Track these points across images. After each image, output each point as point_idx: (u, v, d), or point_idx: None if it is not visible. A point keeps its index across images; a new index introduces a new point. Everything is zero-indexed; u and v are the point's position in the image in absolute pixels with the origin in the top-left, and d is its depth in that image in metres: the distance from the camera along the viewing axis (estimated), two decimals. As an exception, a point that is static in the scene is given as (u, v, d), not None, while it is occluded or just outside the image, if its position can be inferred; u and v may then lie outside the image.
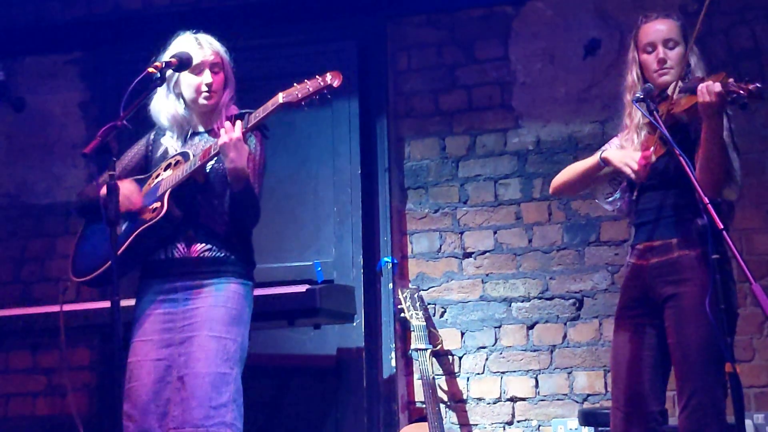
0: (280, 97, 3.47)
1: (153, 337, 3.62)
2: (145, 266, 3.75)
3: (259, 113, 3.55)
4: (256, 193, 3.66)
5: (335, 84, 3.43)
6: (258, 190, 3.71)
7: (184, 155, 3.70)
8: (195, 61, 3.72)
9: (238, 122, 3.56)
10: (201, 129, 3.81)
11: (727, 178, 3.52)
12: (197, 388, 3.50)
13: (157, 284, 3.70)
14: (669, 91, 3.60)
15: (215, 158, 3.63)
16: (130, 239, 3.61)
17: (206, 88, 3.72)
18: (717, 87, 3.34)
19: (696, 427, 3.45)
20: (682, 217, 3.55)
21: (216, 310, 3.58)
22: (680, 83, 3.59)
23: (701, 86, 3.39)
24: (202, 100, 3.74)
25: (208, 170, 3.68)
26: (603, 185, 3.86)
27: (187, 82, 3.74)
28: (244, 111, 3.65)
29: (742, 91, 3.29)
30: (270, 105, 3.51)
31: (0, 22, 6.05)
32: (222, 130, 3.56)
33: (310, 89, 3.44)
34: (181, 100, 3.78)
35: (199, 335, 3.55)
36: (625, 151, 3.68)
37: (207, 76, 3.73)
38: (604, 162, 3.71)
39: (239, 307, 3.63)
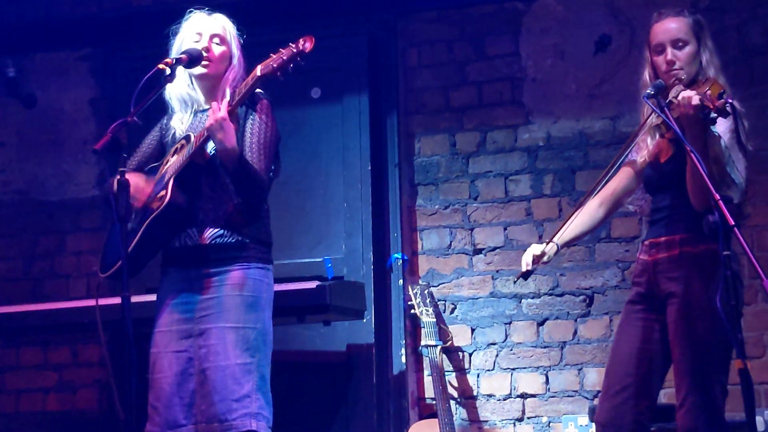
0: (258, 70, 3.51)
1: (171, 328, 3.64)
2: (164, 254, 3.77)
3: (242, 89, 3.56)
4: (256, 168, 3.61)
5: (307, 48, 3.46)
6: (265, 163, 3.66)
7: (187, 138, 3.69)
8: (198, 29, 3.74)
9: (224, 101, 3.56)
10: (205, 106, 3.79)
11: (725, 181, 3.48)
12: (218, 381, 3.51)
13: (174, 273, 3.71)
14: (671, 95, 3.55)
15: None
16: (140, 231, 3.62)
17: (204, 53, 3.71)
18: (695, 99, 3.30)
19: (692, 425, 3.45)
20: (687, 215, 3.54)
21: (232, 299, 3.58)
22: (681, 86, 3.53)
23: (681, 96, 3.36)
24: (200, 68, 3.72)
25: (210, 151, 3.67)
26: (629, 194, 3.87)
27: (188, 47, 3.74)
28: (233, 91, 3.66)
29: (710, 105, 3.26)
30: (250, 80, 3.54)
31: (11, 18, 6.06)
32: (209, 111, 3.57)
33: (284, 57, 3.48)
34: (187, 75, 3.78)
35: (217, 327, 3.56)
36: (532, 246, 3.81)
37: (204, 42, 3.73)
38: None
39: (255, 292, 3.62)
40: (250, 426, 3.49)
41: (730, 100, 3.26)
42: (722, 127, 3.46)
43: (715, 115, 3.28)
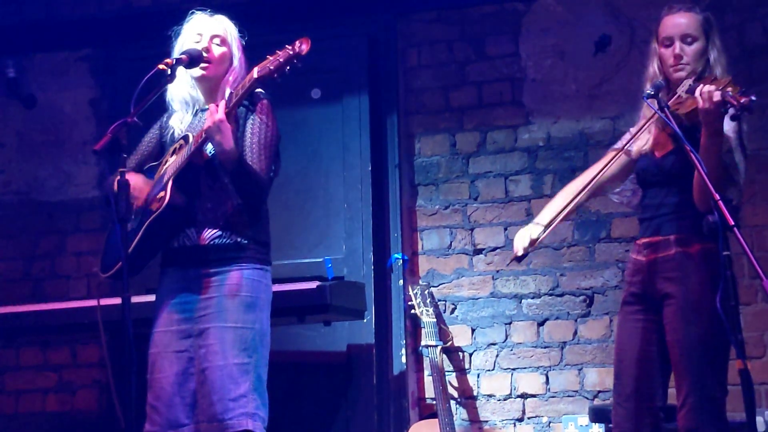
0: (255, 72, 3.51)
1: (171, 328, 3.64)
2: (163, 255, 3.77)
3: (239, 91, 3.56)
4: (255, 169, 3.61)
5: (303, 50, 3.45)
6: (265, 163, 3.66)
7: (185, 138, 3.69)
8: (198, 30, 3.74)
9: (222, 103, 3.56)
10: (205, 106, 3.78)
11: (728, 181, 3.48)
12: (216, 381, 3.52)
13: (174, 273, 3.71)
14: (678, 90, 3.55)
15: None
16: (140, 233, 3.62)
17: (204, 54, 3.70)
18: (717, 95, 3.29)
19: (693, 426, 3.45)
20: (682, 214, 3.53)
21: (230, 299, 3.59)
22: (690, 82, 3.53)
23: (699, 90, 3.35)
24: (199, 70, 3.72)
25: (208, 152, 3.67)
26: (615, 182, 3.85)
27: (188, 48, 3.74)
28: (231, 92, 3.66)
29: (735, 103, 3.25)
30: (247, 81, 3.54)
31: (11, 18, 6.06)
32: (206, 113, 3.57)
33: (281, 59, 3.47)
34: (188, 76, 3.78)
35: (216, 327, 3.56)
36: (524, 230, 3.83)
37: (205, 43, 3.73)
38: None
39: (254, 293, 3.63)
40: (247, 426, 3.50)
41: (754, 98, 3.25)
42: (727, 127, 3.45)
43: (736, 112, 3.26)
